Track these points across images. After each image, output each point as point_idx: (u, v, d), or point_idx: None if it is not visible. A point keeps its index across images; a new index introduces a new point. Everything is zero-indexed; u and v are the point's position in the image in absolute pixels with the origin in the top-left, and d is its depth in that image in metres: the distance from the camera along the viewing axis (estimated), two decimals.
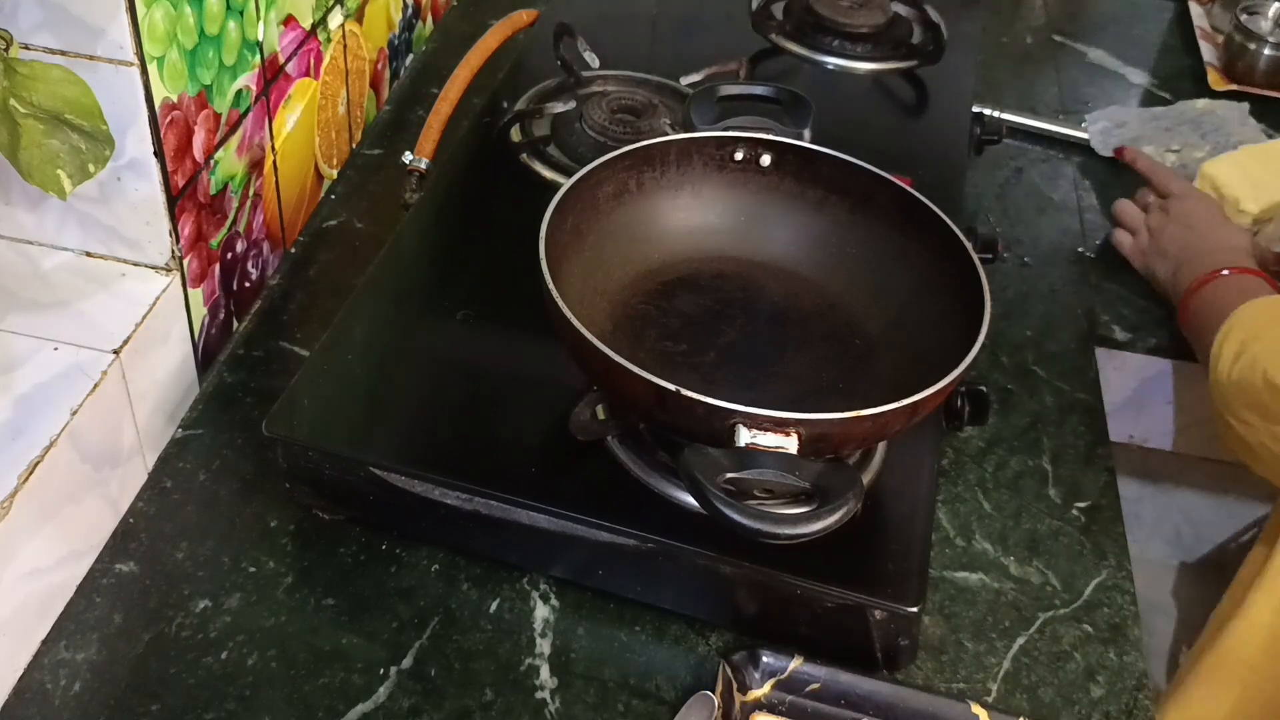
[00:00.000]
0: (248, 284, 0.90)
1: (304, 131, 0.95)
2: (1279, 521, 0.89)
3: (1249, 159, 1.06)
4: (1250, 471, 0.85)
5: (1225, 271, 0.88)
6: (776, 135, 0.81)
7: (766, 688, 0.67)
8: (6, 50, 0.63)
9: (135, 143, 0.72)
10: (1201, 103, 1.22)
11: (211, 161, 0.80)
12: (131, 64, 0.69)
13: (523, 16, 1.11)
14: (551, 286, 0.66)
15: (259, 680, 0.68)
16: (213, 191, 0.81)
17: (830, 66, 1.10)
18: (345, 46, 1.00)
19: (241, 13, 0.80)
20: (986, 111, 1.14)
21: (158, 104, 0.72)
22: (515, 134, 0.96)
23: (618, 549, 0.69)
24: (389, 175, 1.04)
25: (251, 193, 0.88)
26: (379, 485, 0.71)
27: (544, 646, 0.71)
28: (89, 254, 0.79)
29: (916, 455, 0.75)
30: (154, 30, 0.69)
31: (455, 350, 0.80)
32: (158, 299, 0.77)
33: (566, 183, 0.74)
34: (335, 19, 0.97)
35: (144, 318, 0.75)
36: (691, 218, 0.81)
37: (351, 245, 0.98)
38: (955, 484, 0.83)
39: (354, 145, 1.07)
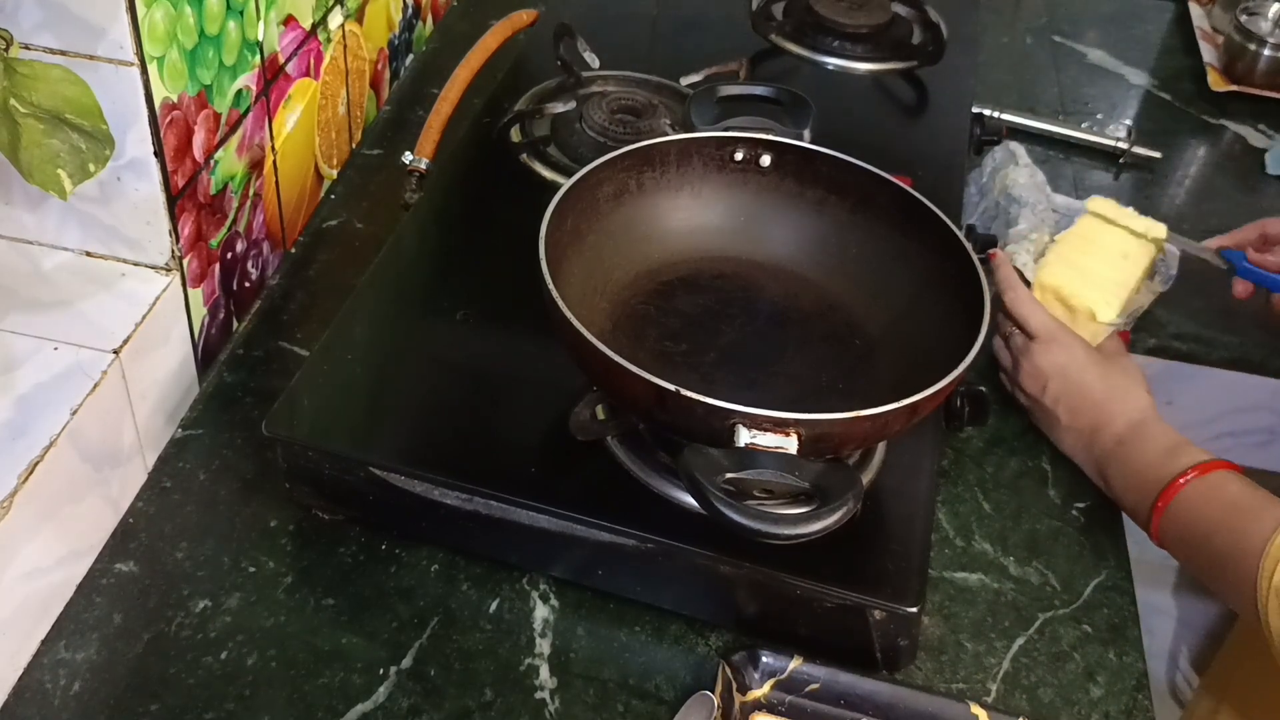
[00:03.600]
0: (248, 284, 0.90)
1: (304, 131, 0.95)
2: None
3: (1075, 253, 0.92)
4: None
5: (1183, 480, 0.75)
6: (776, 135, 0.81)
7: (766, 688, 0.67)
8: (7, 50, 0.63)
9: (135, 143, 0.72)
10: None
11: (211, 161, 0.80)
12: (131, 64, 0.69)
13: (523, 16, 1.11)
14: (551, 286, 0.66)
15: (259, 680, 0.68)
16: (213, 191, 0.81)
17: (830, 66, 1.10)
18: (345, 46, 1.01)
19: (241, 13, 0.80)
20: (986, 111, 1.14)
21: (158, 104, 0.72)
22: (515, 134, 0.96)
23: (618, 549, 0.69)
24: (389, 175, 1.04)
25: (251, 193, 0.88)
26: (379, 485, 0.71)
27: (544, 646, 0.71)
28: (89, 254, 0.79)
29: (916, 455, 0.75)
30: (154, 30, 0.69)
31: (455, 350, 0.80)
32: (158, 299, 0.77)
33: (566, 183, 0.74)
34: (335, 19, 0.97)
35: (144, 318, 0.75)
36: (691, 218, 0.81)
37: (351, 245, 0.98)
38: (955, 484, 0.83)
39: (354, 145, 1.07)
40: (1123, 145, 1.17)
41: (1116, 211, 0.95)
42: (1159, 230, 0.94)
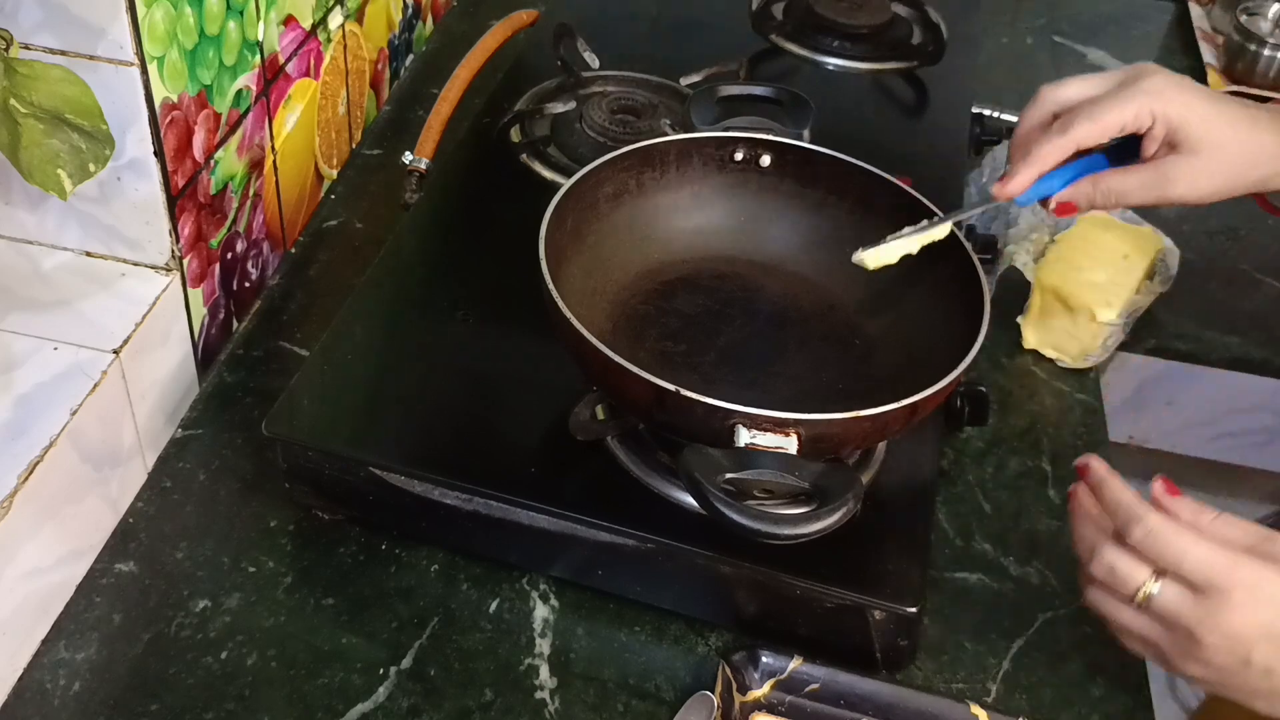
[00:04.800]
0: (248, 284, 0.90)
1: (304, 131, 0.95)
2: None
3: (1075, 253, 0.91)
4: (1249, 473, 0.84)
5: None
6: (776, 135, 0.81)
7: (766, 688, 0.67)
8: (7, 50, 0.63)
9: (135, 142, 0.72)
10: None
11: (211, 161, 0.80)
12: (132, 64, 0.69)
13: (523, 16, 1.11)
14: (551, 287, 0.66)
15: (258, 680, 0.68)
16: (213, 191, 0.81)
17: (830, 66, 1.10)
18: (345, 46, 1.00)
19: (241, 13, 0.80)
20: (986, 111, 1.14)
21: (158, 104, 0.72)
22: (515, 134, 0.96)
23: (618, 549, 0.69)
24: (389, 175, 1.04)
25: (251, 193, 0.88)
26: (379, 485, 0.71)
27: (544, 646, 0.71)
28: (89, 254, 0.78)
29: (916, 455, 0.75)
30: (154, 30, 0.69)
31: (455, 350, 0.80)
32: (158, 299, 0.77)
33: (566, 183, 0.74)
34: (335, 19, 0.97)
35: (144, 318, 0.75)
36: (691, 218, 0.81)
37: (351, 245, 0.98)
38: (955, 484, 0.83)
39: (354, 145, 1.07)
40: None
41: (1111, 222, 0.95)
42: (1157, 240, 0.94)
